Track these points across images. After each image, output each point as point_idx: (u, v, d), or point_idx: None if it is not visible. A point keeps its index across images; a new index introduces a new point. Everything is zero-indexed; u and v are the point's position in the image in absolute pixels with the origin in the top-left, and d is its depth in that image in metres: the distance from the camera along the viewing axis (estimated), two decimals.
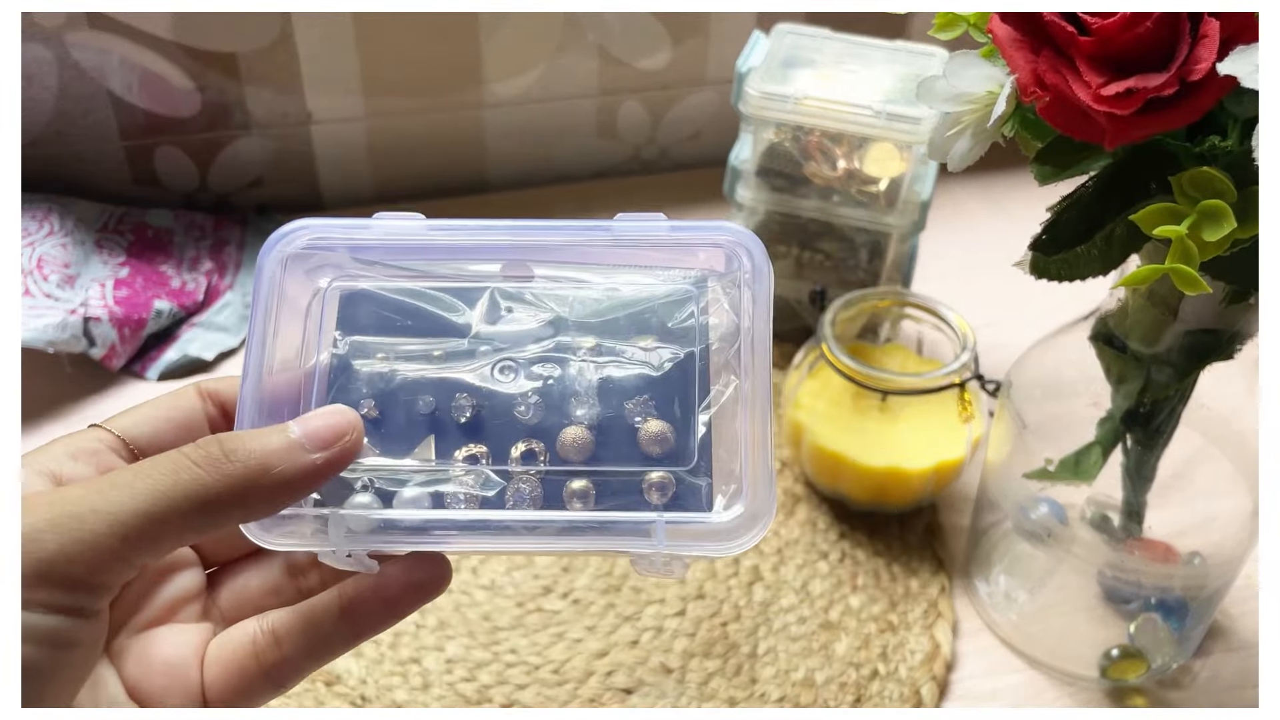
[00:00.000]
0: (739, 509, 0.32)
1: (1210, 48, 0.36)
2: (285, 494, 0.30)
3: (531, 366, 0.35)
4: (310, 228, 0.35)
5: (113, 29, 0.80)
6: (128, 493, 0.27)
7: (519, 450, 0.34)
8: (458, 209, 0.92)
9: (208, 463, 0.28)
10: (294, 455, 0.29)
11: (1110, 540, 0.55)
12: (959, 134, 0.43)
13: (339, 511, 0.32)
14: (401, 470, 0.34)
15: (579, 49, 0.89)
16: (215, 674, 0.32)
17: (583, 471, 0.34)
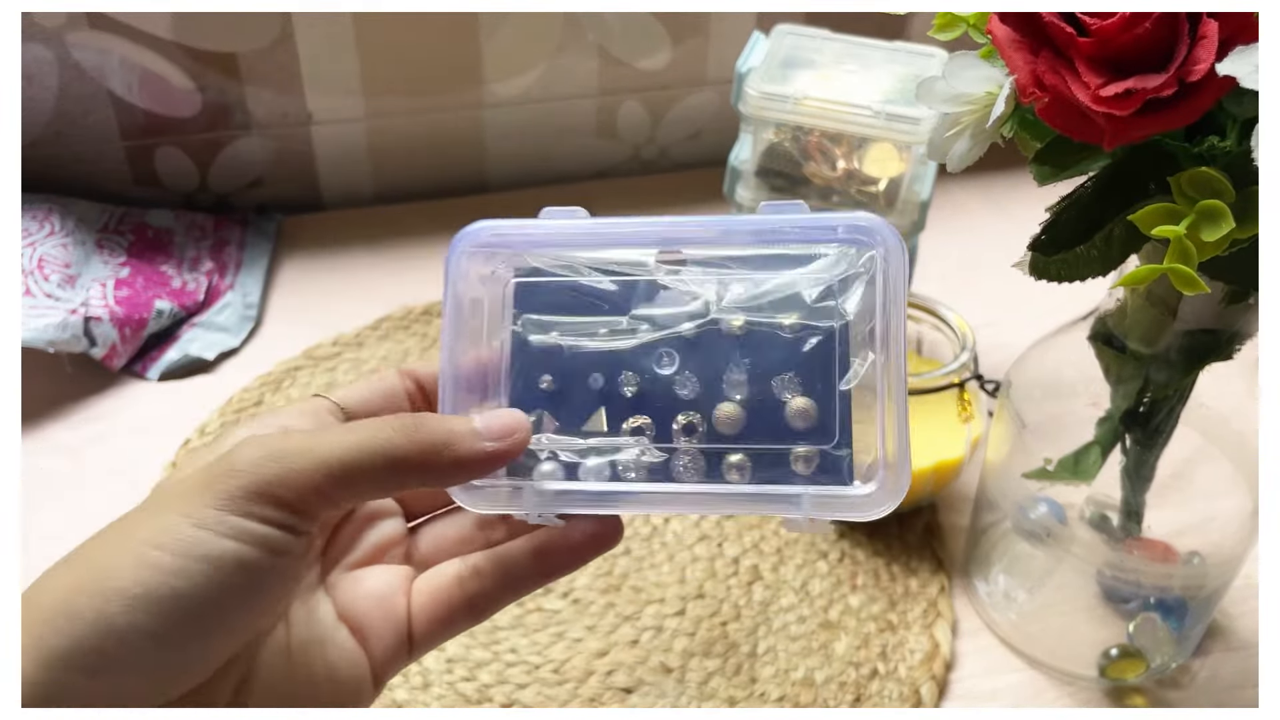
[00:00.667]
0: (875, 483, 0.35)
1: (1209, 48, 0.36)
2: (461, 470, 0.34)
3: (688, 344, 0.38)
4: (488, 227, 0.40)
5: (113, 29, 0.80)
6: (335, 442, 0.32)
7: (680, 423, 0.37)
8: (458, 209, 0.92)
9: (402, 430, 0.33)
10: (472, 440, 0.34)
11: (1109, 540, 0.55)
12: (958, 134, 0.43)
13: (532, 484, 0.37)
14: (578, 441, 0.38)
15: (579, 49, 0.89)
16: (421, 602, 0.37)
17: (738, 446, 0.37)
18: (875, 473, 0.36)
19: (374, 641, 0.36)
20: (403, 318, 0.81)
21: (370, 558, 0.38)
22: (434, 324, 0.80)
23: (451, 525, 0.39)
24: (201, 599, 0.30)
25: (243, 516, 0.31)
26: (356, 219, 0.91)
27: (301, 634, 0.35)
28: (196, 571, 0.30)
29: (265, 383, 0.75)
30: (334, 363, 0.77)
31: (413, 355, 0.78)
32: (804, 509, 0.36)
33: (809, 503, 0.36)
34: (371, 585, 0.37)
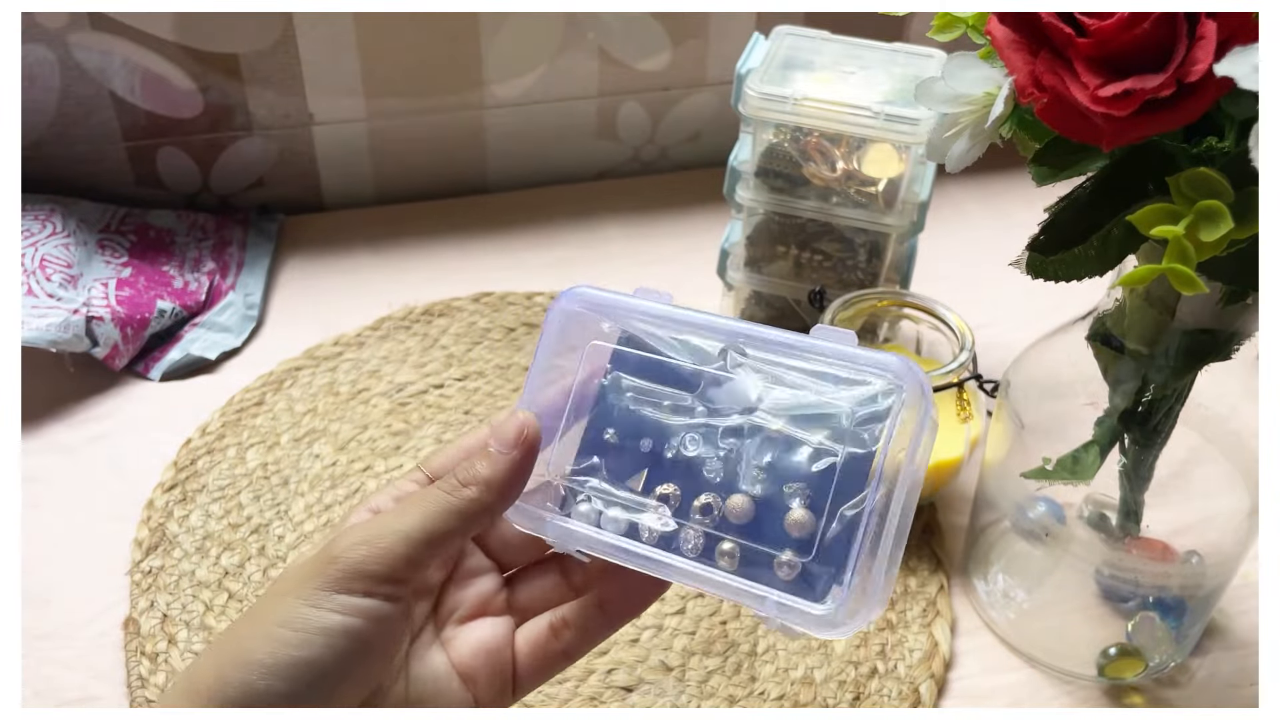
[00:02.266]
0: (841, 603, 0.37)
1: (1207, 49, 0.36)
2: (508, 490, 0.40)
3: (728, 433, 0.42)
4: (591, 293, 0.44)
5: (115, 30, 0.80)
6: (408, 517, 0.39)
7: (700, 502, 0.41)
8: (459, 209, 0.92)
9: (452, 490, 0.40)
10: (500, 462, 0.40)
11: (1108, 539, 0.55)
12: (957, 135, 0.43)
13: (554, 519, 0.42)
14: (616, 492, 0.42)
15: (579, 50, 0.89)
16: (525, 652, 0.43)
17: (735, 539, 0.40)
18: (848, 595, 0.38)
19: (483, 689, 0.42)
20: (404, 318, 0.81)
21: (475, 611, 0.43)
22: (434, 324, 0.81)
23: (541, 576, 0.45)
24: (321, 663, 0.37)
25: (346, 593, 0.37)
26: (357, 219, 0.91)
27: (420, 688, 0.41)
28: (315, 642, 0.37)
29: (267, 382, 0.76)
30: (335, 362, 0.77)
31: (413, 355, 0.78)
32: (769, 610, 0.38)
33: (773, 606, 0.38)
34: (480, 638, 0.42)
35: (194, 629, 0.61)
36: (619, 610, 0.43)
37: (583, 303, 0.44)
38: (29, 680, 0.58)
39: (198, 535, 0.66)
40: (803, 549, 0.39)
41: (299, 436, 0.72)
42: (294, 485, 0.69)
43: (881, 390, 0.40)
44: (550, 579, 0.44)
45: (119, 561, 0.64)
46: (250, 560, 0.64)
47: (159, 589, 0.63)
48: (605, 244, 0.89)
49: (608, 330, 0.45)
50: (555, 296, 0.45)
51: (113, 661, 0.59)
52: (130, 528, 0.66)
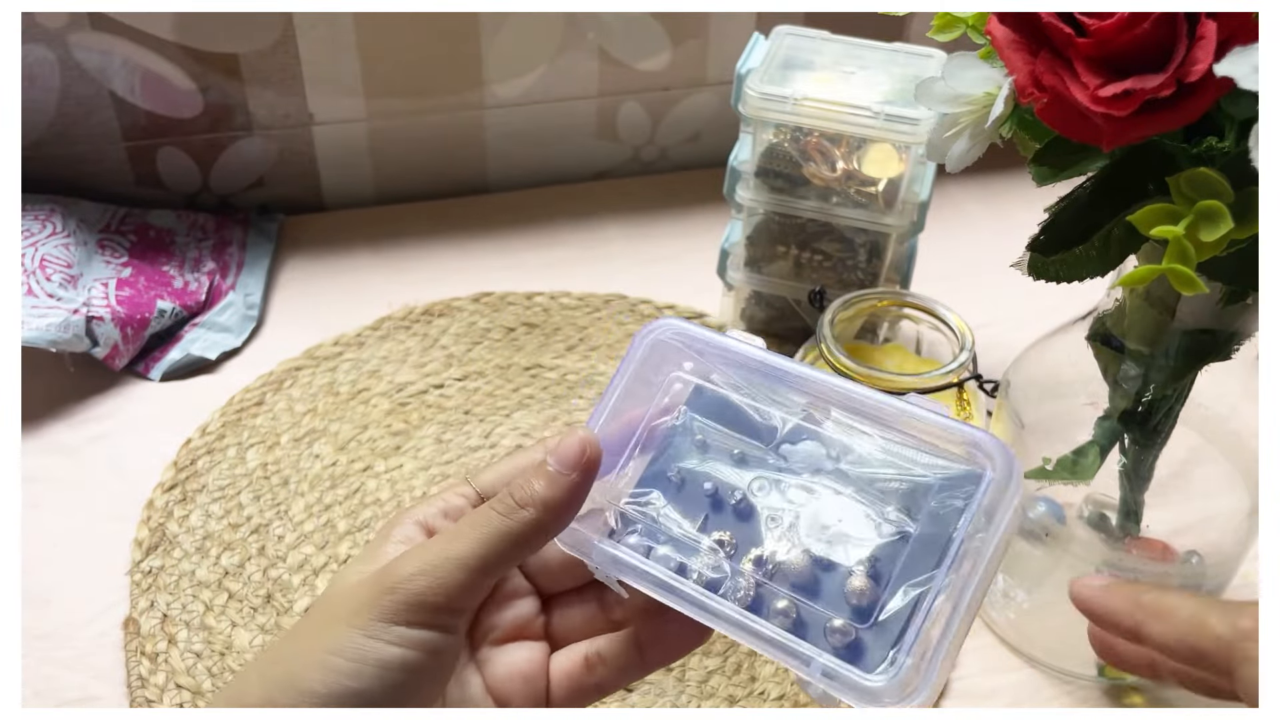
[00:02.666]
0: (893, 677, 0.36)
1: (1207, 49, 0.36)
2: (564, 513, 0.39)
3: (797, 489, 0.41)
4: (680, 326, 0.43)
5: (115, 30, 0.80)
6: (464, 543, 0.38)
7: (753, 554, 0.40)
8: (459, 209, 0.92)
9: (507, 511, 0.38)
10: (558, 483, 0.39)
11: (1108, 539, 0.55)
12: (957, 135, 0.43)
13: (602, 546, 0.41)
14: (671, 527, 0.41)
15: (579, 50, 0.89)
16: (559, 680, 0.42)
17: (791, 595, 0.39)
18: (900, 672, 0.36)
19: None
20: (404, 318, 0.81)
21: (512, 634, 0.42)
22: (434, 324, 0.81)
23: (578, 605, 0.44)
24: (374, 694, 0.36)
25: (405, 625, 0.37)
26: (358, 219, 0.91)
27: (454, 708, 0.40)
28: (369, 674, 0.36)
29: (267, 383, 0.76)
30: (335, 362, 0.77)
31: (414, 355, 0.78)
32: (814, 673, 0.37)
33: (818, 669, 0.37)
34: (515, 662, 0.42)
35: (194, 629, 0.61)
36: (656, 654, 0.42)
37: (674, 334, 0.43)
38: (29, 680, 0.58)
39: (198, 535, 0.66)
40: (858, 617, 0.37)
41: (299, 436, 0.72)
42: (294, 485, 0.69)
43: (968, 469, 0.38)
44: (589, 609, 0.43)
45: (119, 561, 0.64)
46: (250, 560, 0.64)
47: (159, 589, 0.63)
48: (605, 244, 0.89)
49: (690, 369, 0.44)
50: (645, 323, 0.44)
51: (113, 661, 0.59)
52: (130, 528, 0.66)
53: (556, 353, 0.79)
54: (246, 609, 0.62)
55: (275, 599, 0.63)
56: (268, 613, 0.62)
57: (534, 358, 0.78)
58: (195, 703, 0.58)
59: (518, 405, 0.75)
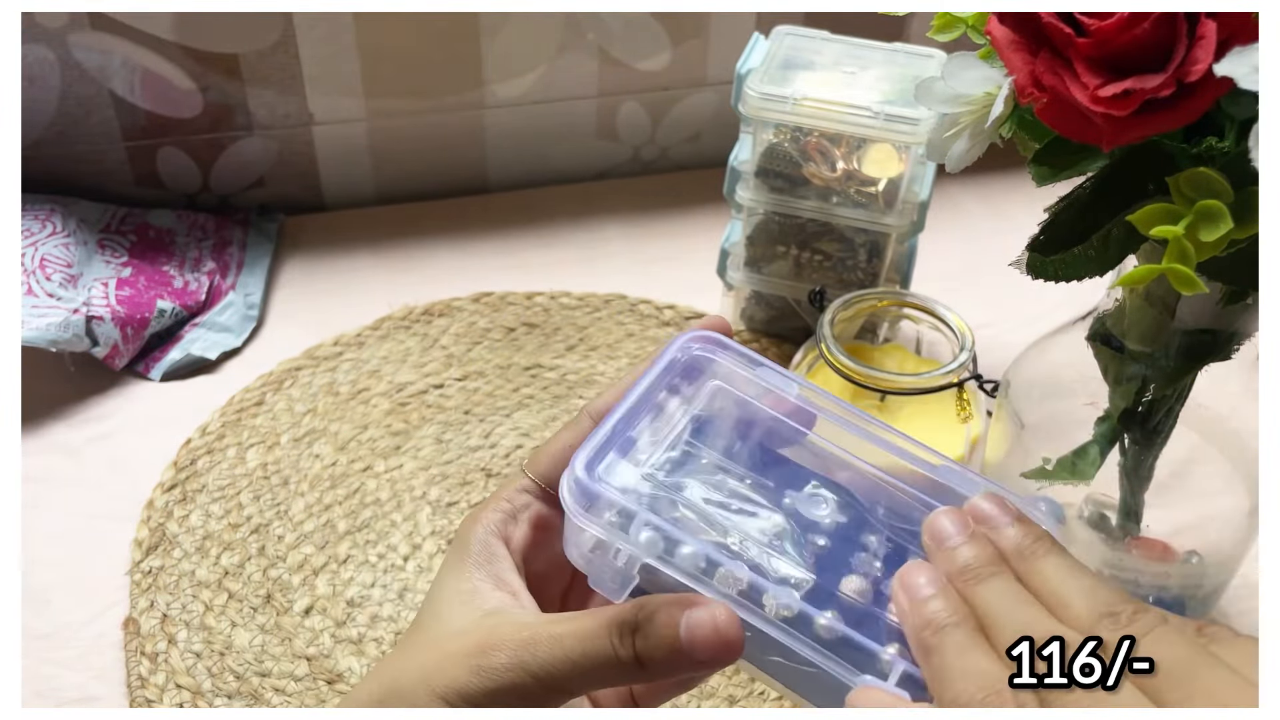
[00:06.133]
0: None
1: (1207, 49, 0.36)
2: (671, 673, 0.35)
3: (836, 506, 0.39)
4: (709, 338, 0.41)
5: (115, 30, 0.80)
6: (555, 659, 0.35)
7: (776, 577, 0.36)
8: (459, 209, 0.92)
9: (621, 641, 0.35)
10: (679, 659, 0.34)
11: (1108, 539, 0.55)
12: (957, 135, 0.43)
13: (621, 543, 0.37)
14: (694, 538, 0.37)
15: (579, 50, 0.89)
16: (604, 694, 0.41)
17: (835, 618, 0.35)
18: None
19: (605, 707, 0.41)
20: (404, 318, 0.81)
21: None
22: (434, 324, 0.81)
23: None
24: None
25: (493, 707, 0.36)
26: (358, 219, 0.91)
27: None
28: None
29: (267, 382, 0.76)
30: (335, 362, 0.77)
31: (414, 355, 0.78)
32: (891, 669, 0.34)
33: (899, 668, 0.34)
34: None
35: (194, 629, 0.61)
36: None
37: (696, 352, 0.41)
38: (29, 680, 0.58)
39: (198, 535, 0.66)
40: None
41: (299, 436, 0.72)
42: (294, 485, 0.69)
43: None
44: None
45: (119, 561, 0.64)
46: (250, 560, 0.64)
47: (159, 589, 0.63)
48: (605, 244, 0.89)
49: (712, 388, 0.41)
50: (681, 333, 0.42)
51: (113, 661, 0.60)
52: (130, 528, 0.66)
53: (556, 353, 0.79)
54: (246, 609, 0.62)
55: (275, 599, 0.63)
56: (268, 613, 0.62)
57: (534, 358, 0.78)
58: (195, 703, 0.58)
59: (518, 405, 0.75)
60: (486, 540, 0.40)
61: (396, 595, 0.63)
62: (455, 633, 0.37)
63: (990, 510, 0.36)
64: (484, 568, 0.39)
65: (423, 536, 0.66)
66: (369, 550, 0.65)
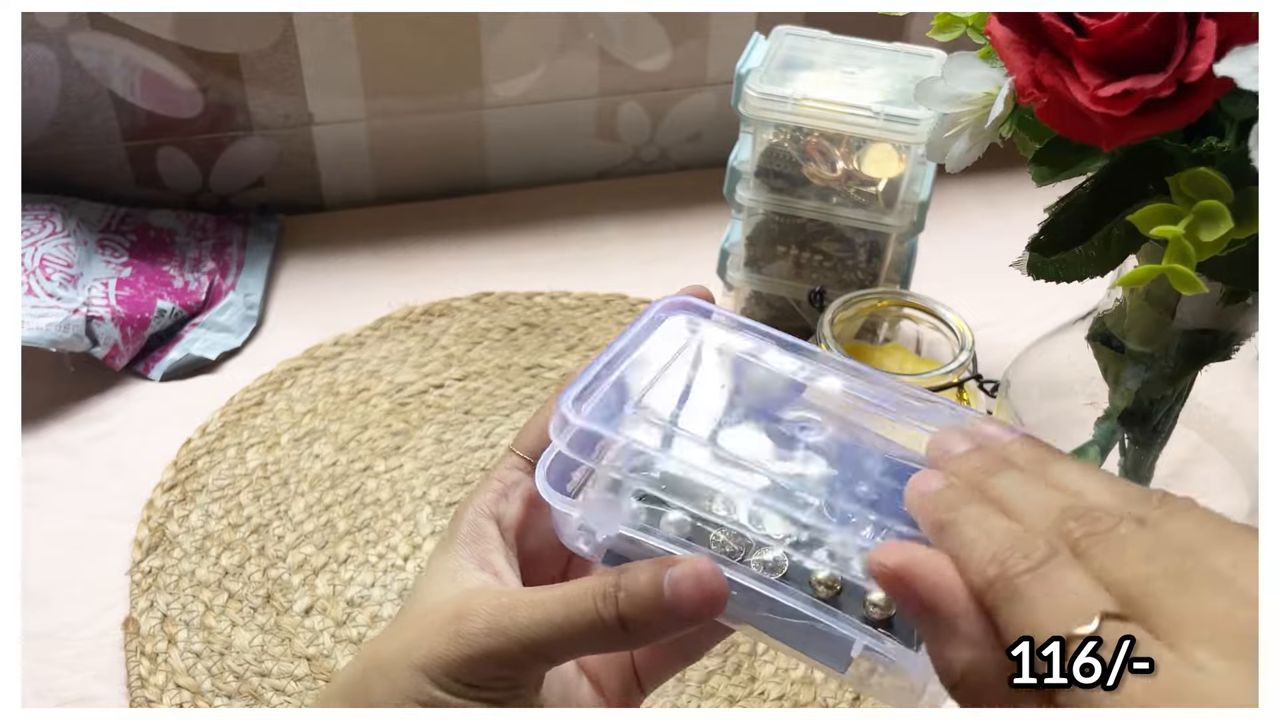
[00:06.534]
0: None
1: (1207, 49, 0.36)
2: (656, 633, 0.35)
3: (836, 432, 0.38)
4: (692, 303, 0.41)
5: (115, 30, 0.80)
6: (535, 622, 0.35)
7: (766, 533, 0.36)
8: (459, 209, 0.92)
9: (604, 601, 0.34)
10: (664, 617, 0.34)
11: None
12: (957, 135, 0.43)
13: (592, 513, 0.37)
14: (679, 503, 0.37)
15: (579, 50, 0.89)
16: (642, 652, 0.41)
17: (832, 565, 0.35)
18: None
19: (608, 688, 0.41)
20: (404, 318, 0.81)
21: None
22: (434, 324, 0.80)
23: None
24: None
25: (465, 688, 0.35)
26: (358, 219, 0.91)
27: (549, 691, 0.38)
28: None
29: (267, 382, 0.76)
30: (335, 362, 0.77)
31: (414, 355, 0.78)
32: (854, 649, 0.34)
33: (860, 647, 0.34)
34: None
35: (194, 629, 0.61)
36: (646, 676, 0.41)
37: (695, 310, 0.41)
38: (29, 680, 0.58)
39: (198, 535, 0.66)
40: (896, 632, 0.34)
41: (299, 436, 0.72)
42: (294, 485, 0.69)
43: None
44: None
45: (119, 561, 0.64)
46: (250, 560, 0.64)
47: (159, 589, 0.63)
48: (605, 244, 0.89)
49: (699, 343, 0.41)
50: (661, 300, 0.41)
51: (113, 661, 0.59)
52: (130, 528, 0.66)
53: (556, 353, 0.79)
54: (246, 609, 0.62)
55: (275, 599, 0.63)
56: (267, 613, 0.62)
57: (534, 358, 0.78)
58: (195, 703, 0.58)
59: (518, 405, 0.75)
60: (476, 521, 0.40)
61: (396, 595, 0.63)
62: (434, 607, 0.37)
63: (995, 430, 0.35)
64: (469, 547, 0.39)
65: (423, 536, 0.66)
66: (369, 550, 0.65)
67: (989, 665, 0.28)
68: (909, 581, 0.29)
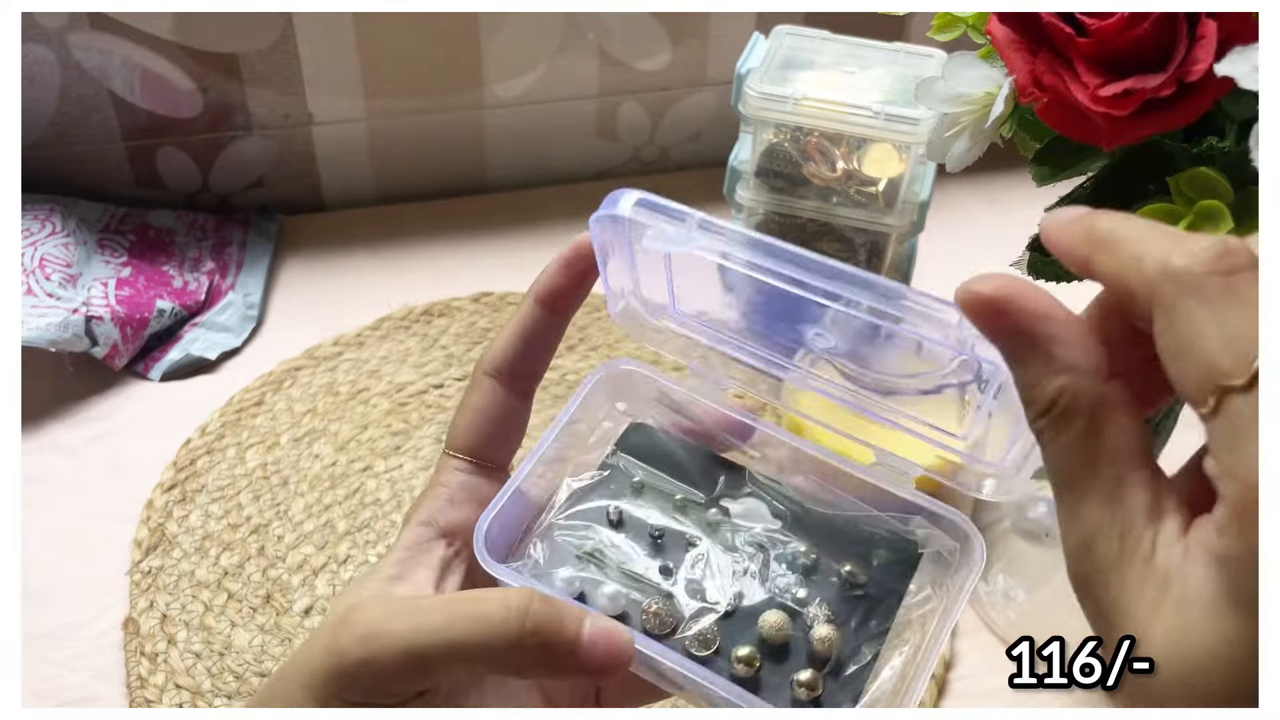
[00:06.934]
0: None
1: (1208, 48, 0.36)
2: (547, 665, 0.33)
3: (747, 539, 0.38)
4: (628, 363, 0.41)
5: (114, 30, 0.80)
6: (433, 630, 0.32)
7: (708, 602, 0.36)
8: (459, 209, 0.92)
9: (514, 614, 0.32)
10: (573, 659, 0.33)
11: None
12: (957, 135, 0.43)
13: (529, 579, 0.36)
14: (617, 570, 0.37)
15: (579, 50, 0.89)
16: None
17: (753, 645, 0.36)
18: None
19: (560, 702, 0.39)
20: (403, 318, 0.81)
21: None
22: (434, 324, 0.80)
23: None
24: None
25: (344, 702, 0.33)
26: (357, 219, 0.91)
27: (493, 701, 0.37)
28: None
29: (267, 382, 0.76)
30: (335, 362, 0.77)
31: (414, 355, 0.78)
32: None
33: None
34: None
35: (193, 629, 0.61)
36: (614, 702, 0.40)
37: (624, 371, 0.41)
38: (29, 680, 0.58)
39: (197, 535, 0.65)
40: (824, 668, 0.36)
41: (299, 436, 0.72)
42: (294, 485, 0.69)
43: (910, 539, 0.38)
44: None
45: (119, 561, 0.64)
46: (250, 560, 0.64)
47: (159, 589, 0.63)
48: None
49: (621, 410, 0.42)
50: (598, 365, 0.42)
51: (113, 661, 0.59)
52: (130, 528, 0.66)
53: (556, 353, 0.78)
54: (246, 609, 0.62)
55: (275, 599, 0.63)
56: (267, 613, 0.62)
57: None
58: (195, 703, 0.58)
59: None
60: (415, 530, 0.38)
61: None
62: (328, 618, 0.35)
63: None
64: (400, 553, 0.37)
65: None
66: (369, 550, 0.65)
67: (1084, 391, 0.26)
68: (1005, 306, 0.28)
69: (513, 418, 0.40)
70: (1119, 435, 0.26)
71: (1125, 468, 0.25)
